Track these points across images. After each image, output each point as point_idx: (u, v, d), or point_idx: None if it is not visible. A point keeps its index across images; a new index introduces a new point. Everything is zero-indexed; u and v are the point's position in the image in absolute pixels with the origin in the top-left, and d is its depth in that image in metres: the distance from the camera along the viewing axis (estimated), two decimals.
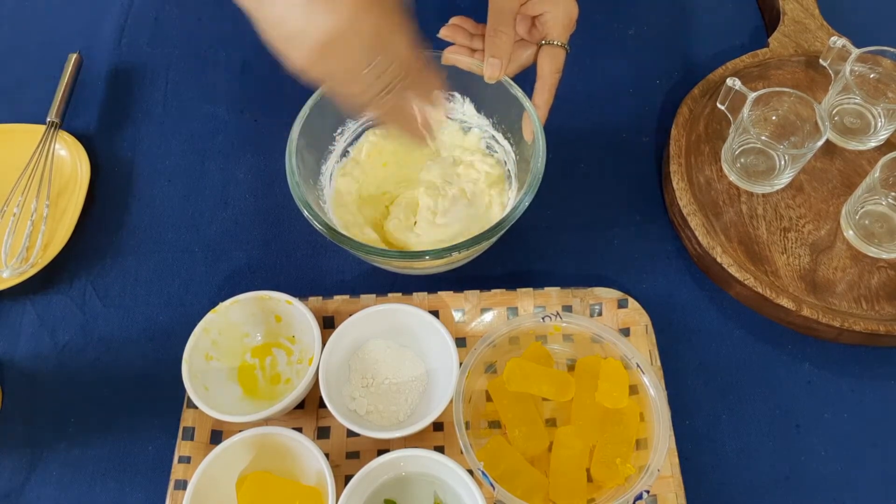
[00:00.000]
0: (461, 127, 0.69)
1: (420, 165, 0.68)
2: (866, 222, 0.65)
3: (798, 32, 0.76)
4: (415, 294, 0.63)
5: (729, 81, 0.66)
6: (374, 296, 0.63)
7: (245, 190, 0.72)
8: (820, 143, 0.63)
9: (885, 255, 0.64)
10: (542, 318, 0.59)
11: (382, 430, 0.55)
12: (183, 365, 0.56)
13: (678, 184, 0.66)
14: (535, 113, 0.60)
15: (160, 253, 0.69)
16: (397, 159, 0.69)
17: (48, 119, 0.73)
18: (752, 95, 0.65)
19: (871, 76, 0.70)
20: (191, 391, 0.55)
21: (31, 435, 0.61)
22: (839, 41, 0.70)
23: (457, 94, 0.67)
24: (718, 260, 0.63)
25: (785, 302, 0.60)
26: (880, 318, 0.60)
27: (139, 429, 0.60)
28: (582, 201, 0.71)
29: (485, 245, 0.60)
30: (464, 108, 0.68)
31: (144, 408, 0.61)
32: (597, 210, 0.70)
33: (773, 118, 0.69)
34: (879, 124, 0.69)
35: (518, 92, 0.62)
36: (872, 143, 0.70)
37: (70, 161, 0.72)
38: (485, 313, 0.63)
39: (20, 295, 0.67)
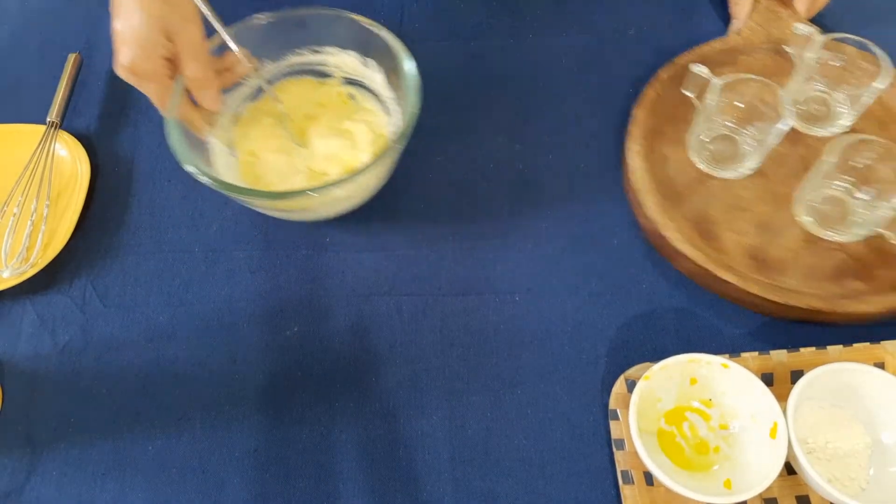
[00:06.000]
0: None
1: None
2: (819, 205, 0.65)
3: (770, 21, 0.76)
4: (855, 345, 0.57)
5: (693, 67, 0.66)
6: (784, 351, 0.58)
7: None
8: (782, 127, 0.62)
9: (837, 238, 0.64)
10: None
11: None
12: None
13: (634, 161, 0.66)
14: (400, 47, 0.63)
15: (160, 253, 0.69)
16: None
17: (48, 119, 0.74)
18: (716, 81, 0.64)
19: (835, 63, 0.70)
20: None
21: (31, 435, 0.60)
22: (805, 28, 0.69)
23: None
24: (669, 236, 0.62)
25: (730, 277, 0.60)
26: (824, 296, 0.60)
27: (139, 429, 0.60)
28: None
29: (372, 175, 0.61)
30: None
31: (144, 408, 0.61)
32: None
33: (739, 104, 0.67)
34: (842, 111, 0.69)
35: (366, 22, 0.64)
36: (835, 130, 0.69)
37: (70, 161, 0.72)
38: None
39: (20, 295, 0.67)
